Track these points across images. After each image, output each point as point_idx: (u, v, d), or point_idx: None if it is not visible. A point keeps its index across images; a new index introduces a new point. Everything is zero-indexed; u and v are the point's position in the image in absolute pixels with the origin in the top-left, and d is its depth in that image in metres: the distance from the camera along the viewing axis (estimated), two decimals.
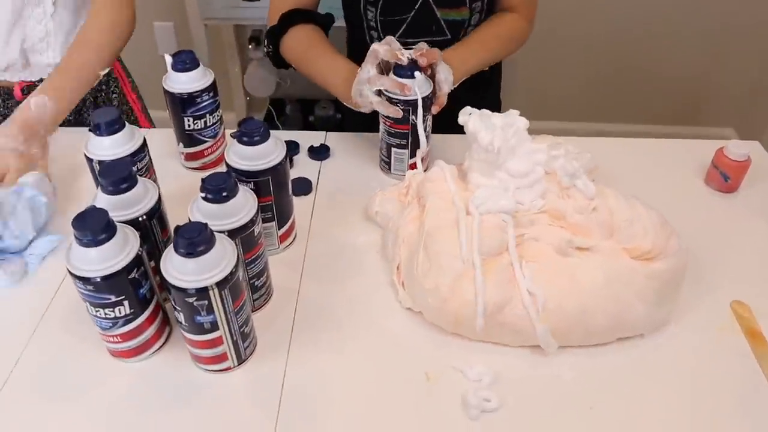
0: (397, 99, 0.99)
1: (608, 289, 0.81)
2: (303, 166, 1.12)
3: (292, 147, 1.14)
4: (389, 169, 1.09)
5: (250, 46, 2.30)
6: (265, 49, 1.21)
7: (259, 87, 2.32)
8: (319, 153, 1.13)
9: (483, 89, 1.30)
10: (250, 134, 0.83)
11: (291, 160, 1.11)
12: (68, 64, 1.15)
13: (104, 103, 1.37)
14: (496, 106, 1.48)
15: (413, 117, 1.00)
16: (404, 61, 0.97)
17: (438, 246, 0.82)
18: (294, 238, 0.97)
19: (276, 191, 0.87)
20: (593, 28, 2.46)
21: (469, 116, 0.92)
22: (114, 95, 1.39)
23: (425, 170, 1.05)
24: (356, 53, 1.21)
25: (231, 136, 0.87)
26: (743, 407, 0.78)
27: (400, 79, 0.98)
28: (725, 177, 1.08)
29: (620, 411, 0.76)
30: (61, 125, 1.13)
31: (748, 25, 2.42)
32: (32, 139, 1.03)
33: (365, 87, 0.99)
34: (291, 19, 1.16)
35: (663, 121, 2.66)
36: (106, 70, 1.19)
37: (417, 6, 1.19)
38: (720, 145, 1.09)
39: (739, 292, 0.90)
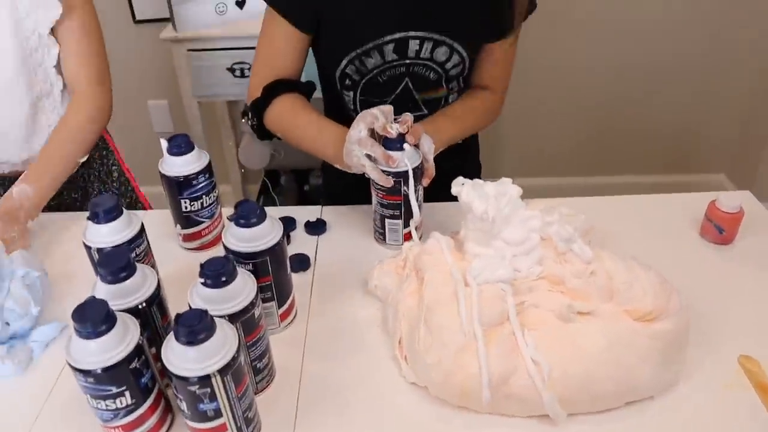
0: (388, 171, 1.00)
1: (612, 353, 0.81)
2: (300, 242, 1.13)
3: (289, 223, 1.14)
4: (384, 239, 1.10)
5: (243, 120, 2.32)
6: (250, 122, 1.23)
7: (253, 159, 2.35)
8: (316, 228, 1.14)
9: (462, 154, 1.33)
10: (246, 216, 0.84)
11: (288, 237, 1.11)
12: (50, 154, 1.20)
13: (106, 176, 1.41)
14: (476, 170, 1.51)
15: (405, 188, 1.01)
16: (393, 135, 0.99)
17: (438, 319, 0.82)
18: (294, 316, 0.97)
19: (275, 271, 0.87)
20: (580, 83, 2.51)
21: (461, 186, 0.93)
22: (114, 167, 1.43)
23: (419, 238, 1.06)
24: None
25: (228, 219, 0.88)
26: None
27: (389, 152, 1.00)
28: (720, 229, 1.09)
29: None
30: (66, 208, 1.15)
31: (731, 71, 2.48)
32: (10, 225, 1.07)
33: (356, 147, 0.99)
34: (275, 89, 1.17)
35: (655, 171, 2.69)
36: (85, 157, 1.24)
37: (398, 91, 1.23)
38: (712, 197, 1.10)
39: (745, 346, 0.90)
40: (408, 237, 1.07)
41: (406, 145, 1.00)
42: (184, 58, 2.06)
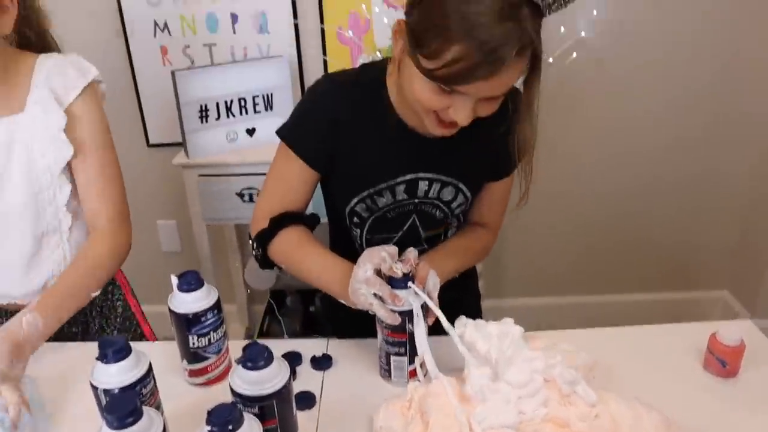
0: (393, 309, 1.02)
1: None
2: (306, 378, 1.13)
3: (295, 358, 1.15)
4: (389, 376, 1.10)
5: (250, 241, 2.38)
6: (254, 252, 1.25)
7: (259, 280, 2.39)
8: (322, 363, 1.15)
9: (462, 285, 1.35)
10: (254, 360, 0.85)
11: (294, 372, 1.12)
12: (64, 286, 1.20)
13: (109, 311, 1.41)
14: (476, 298, 1.54)
15: (410, 326, 1.03)
16: (399, 275, 1.02)
17: None
18: None
19: (281, 413, 0.88)
20: (577, 202, 2.57)
21: (464, 327, 0.95)
22: (118, 302, 1.43)
23: (425, 375, 1.06)
24: (340, 252, 1.22)
25: (236, 362, 0.89)
26: None
27: (395, 291, 1.02)
28: (723, 363, 1.09)
29: None
30: (69, 338, 1.16)
31: (728, 185, 2.54)
32: (18, 360, 1.04)
33: (363, 286, 1.01)
34: (281, 222, 1.20)
35: (657, 289, 2.70)
36: (98, 292, 1.24)
37: (405, 228, 1.27)
38: (714, 327, 1.11)
39: None
40: (413, 374, 1.08)
41: (410, 284, 1.02)
42: (194, 182, 2.13)
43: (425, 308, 1.04)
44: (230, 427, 0.75)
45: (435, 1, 0.92)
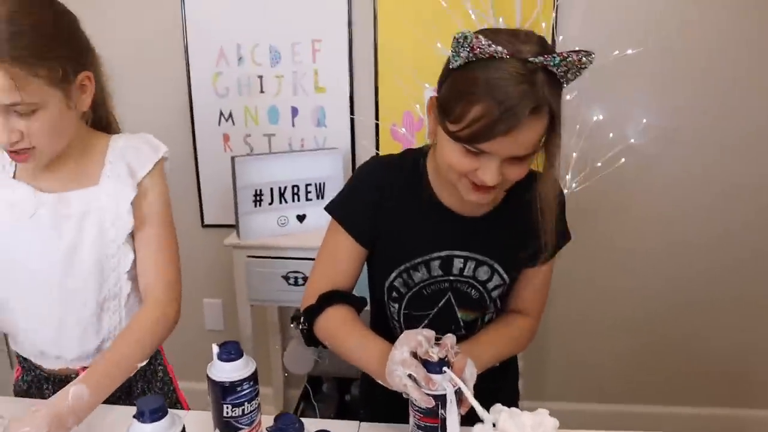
0: (427, 393, 1.02)
1: None
2: None
3: None
4: None
5: (291, 325, 2.42)
6: (301, 326, 1.28)
7: (298, 364, 2.39)
8: None
9: (501, 378, 1.36)
10: (285, 430, 0.86)
11: None
12: (112, 357, 1.20)
13: (152, 375, 1.45)
14: (514, 395, 1.51)
15: (442, 411, 1.02)
16: (434, 359, 1.02)
17: None
18: None
19: None
20: (627, 306, 2.53)
21: (499, 414, 0.94)
22: (160, 367, 1.47)
23: None
24: (380, 332, 1.25)
25: (267, 430, 0.90)
26: None
27: (430, 375, 1.02)
28: None
29: None
30: (112, 401, 1.19)
31: None
32: (58, 430, 1.04)
33: (399, 368, 1.03)
34: (329, 299, 1.24)
35: (707, 403, 2.58)
36: (144, 363, 1.25)
37: (440, 305, 1.29)
38: None
39: None
40: None
41: (445, 368, 1.03)
42: (243, 262, 2.19)
43: (459, 396, 1.04)
44: None
45: (462, 73, 1.04)
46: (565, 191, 2.21)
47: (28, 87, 1.09)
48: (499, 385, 1.34)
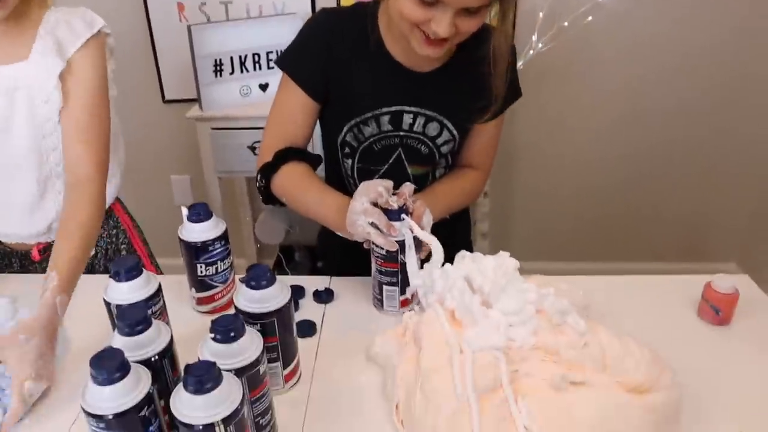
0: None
1: (604, 423, 0.83)
2: (308, 309, 1.17)
3: (298, 291, 1.19)
4: (381, 306, 1.15)
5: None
6: (257, 184, 1.29)
7: (269, 235, 2.42)
8: (324, 297, 1.19)
9: (452, 229, 1.39)
10: (257, 279, 0.89)
11: (296, 304, 1.16)
12: (72, 253, 1.13)
13: (114, 254, 1.46)
14: (467, 245, 1.56)
15: (402, 256, 1.07)
16: (395, 207, 1.06)
17: (433, 385, 0.85)
18: (299, 379, 1.00)
19: (281, 332, 0.92)
20: (588, 168, 2.58)
21: (463, 259, 0.98)
22: (123, 246, 1.48)
23: (417, 305, 1.11)
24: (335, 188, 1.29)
25: (240, 281, 0.93)
26: None
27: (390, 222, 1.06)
28: (716, 310, 1.12)
29: None
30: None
31: (743, 156, 2.53)
32: (51, 341, 1.02)
33: (361, 217, 1.06)
34: (285, 156, 1.25)
35: (664, 259, 2.71)
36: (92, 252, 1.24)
37: (391, 160, 1.32)
38: (709, 279, 1.14)
39: (738, 424, 0.92)
40: (405, 303, 1.13)
41: (404, 216, 1.06)
42: (207, 135, 2.17)
43: (417, 241, 1.08)
44: (232, 335, 0.79)
45: None
46: (531, 52, 2.19)
47: None
48: (451, 235, 1.38)
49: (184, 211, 1.10)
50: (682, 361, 0.96)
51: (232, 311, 0.92)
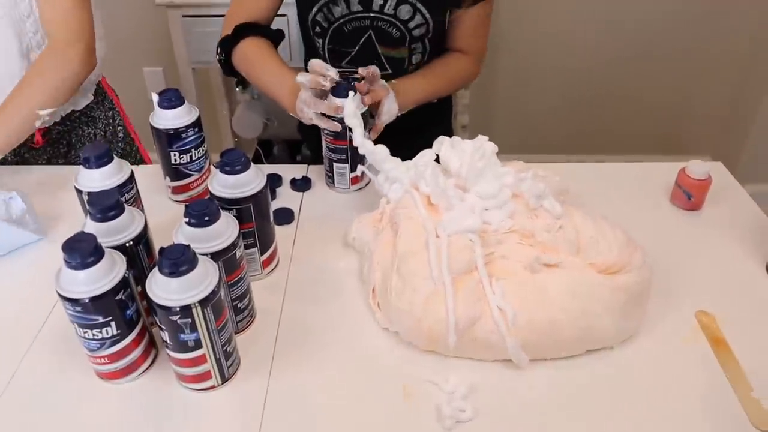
0: (335, 118, 1.08)
1: (576, 303, 0.85)
2: (286, 198, 1.17)
3: (275, 180, 1.18)
4: (333, 183, 1.17)
5: (237, 89, 2.36)
6: (217, 57, 1.29)
7: (246, 128, 2.38)
8: (301, 185, 1.18)
9: (434, 116, 1.41)
10: (231, 164, 0.88)
11: (273, 192, 1.15)
12: (5, 102, 1.14)
13: (112, 136, 1.44)
14: (448, 132, 1.54)
15: (350, 133, 1.08)
16: (327, 86, 1.06)
17: (410, 268, 0.87)
18: (276, 264, 1.01)
19: (257, 218, 0.91)
20: (568, 61, 2.54)
21: (441, 144, 0.97)
22: (119, 128, 1.46)
23: (366, 185, 1.16)
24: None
25: (214, 166, 0.92)
26: (710, 412, 0.81)
27: (335, 100, 1.07)
28: (688, 195, 1.13)
29: (592, 421, 0.80)
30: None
31: (721, 52, 2.50)
32: None
33: (304, 107, 1.09)
34: (243, 31, 1.25)
35: (640, 151, 2.71)
36: (48, 111, 1.17)
37: (361, 41, 1.29)
38: (683, 165, 1.14)
39: (704, 303, 0.95)
40: (355, 181, 1.16)
41: (350, 93, 1.07)
42: (179, 23, 2.08)
43: (367, 116, 1.10)
44: (206, 219, 0.78)
45: None
46: None
47: None
48: (432, 126, 1.38)
49: (155, 98, 1.07)
50: (654, 243, 0.98)
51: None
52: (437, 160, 1.00)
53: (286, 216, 1.10)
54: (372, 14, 1.25)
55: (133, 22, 2.44)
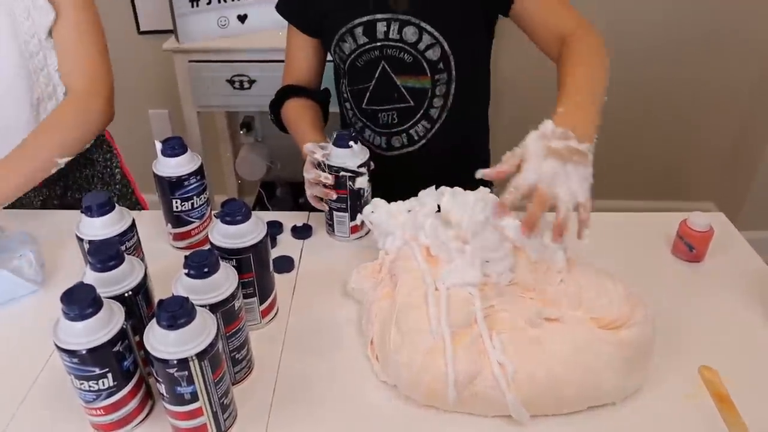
0: (337, 167, 1.09)
1: (577, 358, 0.84)
2: (286, 245, 1.17)
3: (276, 227, 1.19)
4: (333, 231, 1.18)
5: (241, 132, 2.39)
6: (270, 117, 1.38)
7: (250, 170, 2.40)
8: (302, 232, 1.18)
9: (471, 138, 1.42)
10: (232, 214, 0.88)
11: (274, 240, 1.15)
12: (27, 150, 1.15)
13: (109, 178, 1.45)
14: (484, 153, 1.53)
15: (350, 183, 1.10)
16: (319, 159, 1.11)
17: (409, 321, 0.86)
18: (276, 314, 1.00)
19: (257, 268, 0.91)
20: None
21: (441, 195, 0.98)
22: (117, 170, 1.47)
23: (366, 234, 1.16)
24: (343, 123, 1.45)
25: (215, 216, 0.92)
26: None
27: (334, 155, 1.11)
28: (690, 247, 1.13)
29: None
30: (69, 207, 1.20)
31: (723, 98, 2.52)
32: None
33: (308, 189, 1.16)
34: (286, 93, 1.34)
35: (643, 197, 2.73)
36: (66, 159, 1.19)
37: (376, 74, 1.28)
38: (685, 216, 1.14)
39: (707, 358, 0.93)
40: (355, 230, 1.16)
41: (351, 143, 1.09)
42: (185, 68, 2.11)
43: (368, 167, 1.12)
44: (206, 270, 0.78)
45: None
46: None
47: None
48: (468, 144, 1.41)
49: (158, 146, 1.08)
50: (656, 296, 0.97)
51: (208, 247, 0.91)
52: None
53: (286, 264, 1.10)
54: (379, 43, 1.24)
55: (140, 66, 2.48)
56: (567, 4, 1.16)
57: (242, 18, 2.13)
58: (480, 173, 0.90)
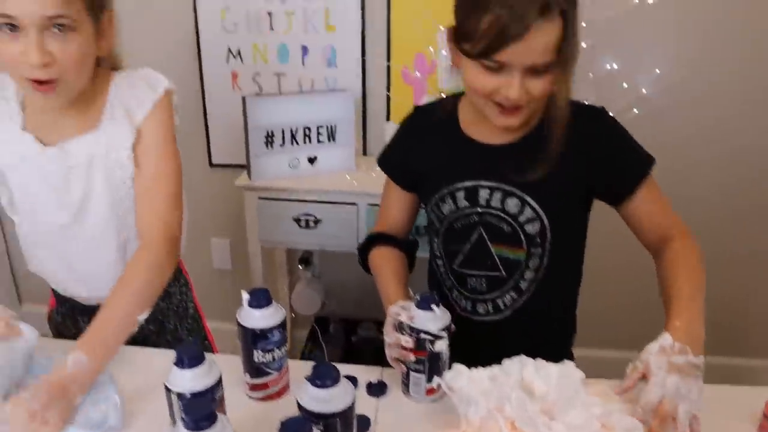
0: (419, 329, 1.09)
1: None
2: (361, 402, 1.13)
3: (352, 383, 1.18)
4: (408, 391, 1.16)
5: (299, 267, 2.44)
6: (358, 259, 1.42)
7: (305, 305, 2.43)
8: (377, 390, 1.18)
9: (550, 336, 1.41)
10: (323, 378, 0.89)
11: None
12: (110, 315, 1.15)
13: (184, 311, 1.47)
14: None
15: (430, 346, 1.09)
16: (404, 320, 1.11)
17: None
18: None
19: (343, 430, 0.91)
20: (631, 256, 2.55)
21: (524, 367, 0.98)
22: (190, 304, 1.50)
23: (441, 398, 1.13)
24: (432, 278, 1.46)
25: (305, 378, 0.92)
26: None
27: (417, 317, 1.11)
28: None
29: None
30: (143, 340, 1.23)
31: None
32: (56, 402, 1.00)
33: (387, 351, 1.15)
34: (375, 240, 1.37)
35: (709, 352, 2.64)
36: (146, 314, 1.20)
37: (472, 240, 1.29)
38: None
39: None
40: (431, 392, 1.14)
41: (434, 306, 1.10)
42: (254, 203, 2.20)
43: (449, 332, 1.12)
44: None
45: None
46: None
47: (71, 4, 1.08)
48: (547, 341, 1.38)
49: (245, 296, 1.11)
50: None
51: (284, 399, 0.91)
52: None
53: (363, 424, 1.08)
54: (480, 209, 1.25)
55: (208, 197, 2.58)
56: (666, 206, 1.27)
57: (312, 160, 2.23)
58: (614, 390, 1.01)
